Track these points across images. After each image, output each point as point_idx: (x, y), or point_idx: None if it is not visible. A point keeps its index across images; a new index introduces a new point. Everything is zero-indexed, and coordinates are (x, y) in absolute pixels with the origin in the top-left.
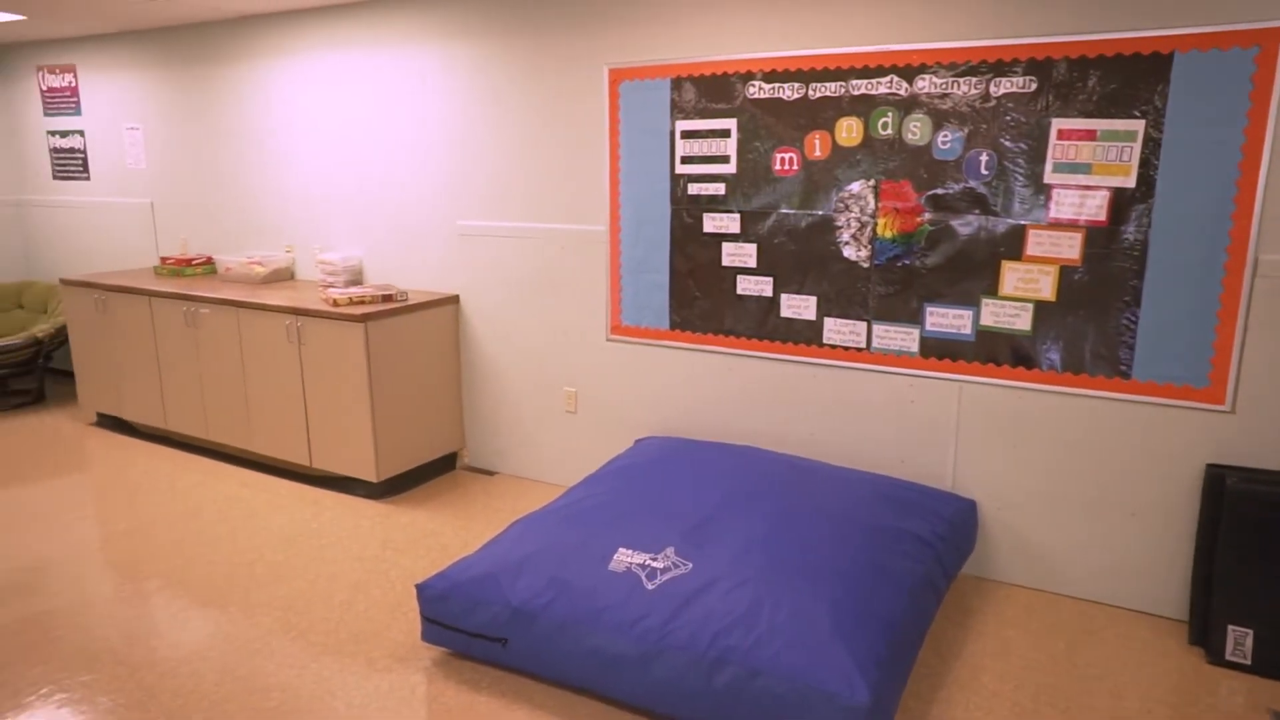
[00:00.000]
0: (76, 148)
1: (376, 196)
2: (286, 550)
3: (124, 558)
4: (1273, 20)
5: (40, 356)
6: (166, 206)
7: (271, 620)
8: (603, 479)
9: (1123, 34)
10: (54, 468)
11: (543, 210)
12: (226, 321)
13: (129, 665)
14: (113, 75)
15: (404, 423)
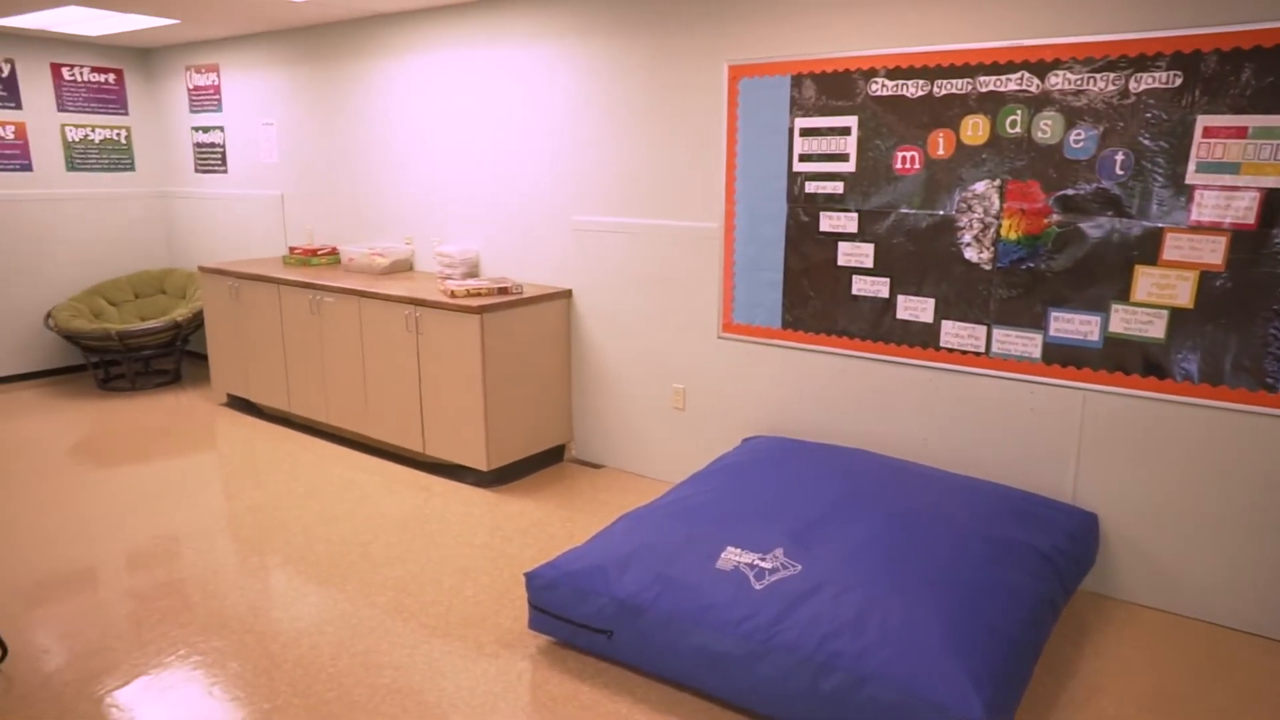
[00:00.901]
0: (217, 142)
1: (494, 191)
2: (399, 533)
3: (249, 532)
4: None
5: (179, 339)
6: (295, 198)
7: (385, 600)
8: (710, 476)
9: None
10: (188, 444)
11: (657, 207)
12: (348, 310)
13: (256, 634)
14: (251, 74)
15: (514, 414)
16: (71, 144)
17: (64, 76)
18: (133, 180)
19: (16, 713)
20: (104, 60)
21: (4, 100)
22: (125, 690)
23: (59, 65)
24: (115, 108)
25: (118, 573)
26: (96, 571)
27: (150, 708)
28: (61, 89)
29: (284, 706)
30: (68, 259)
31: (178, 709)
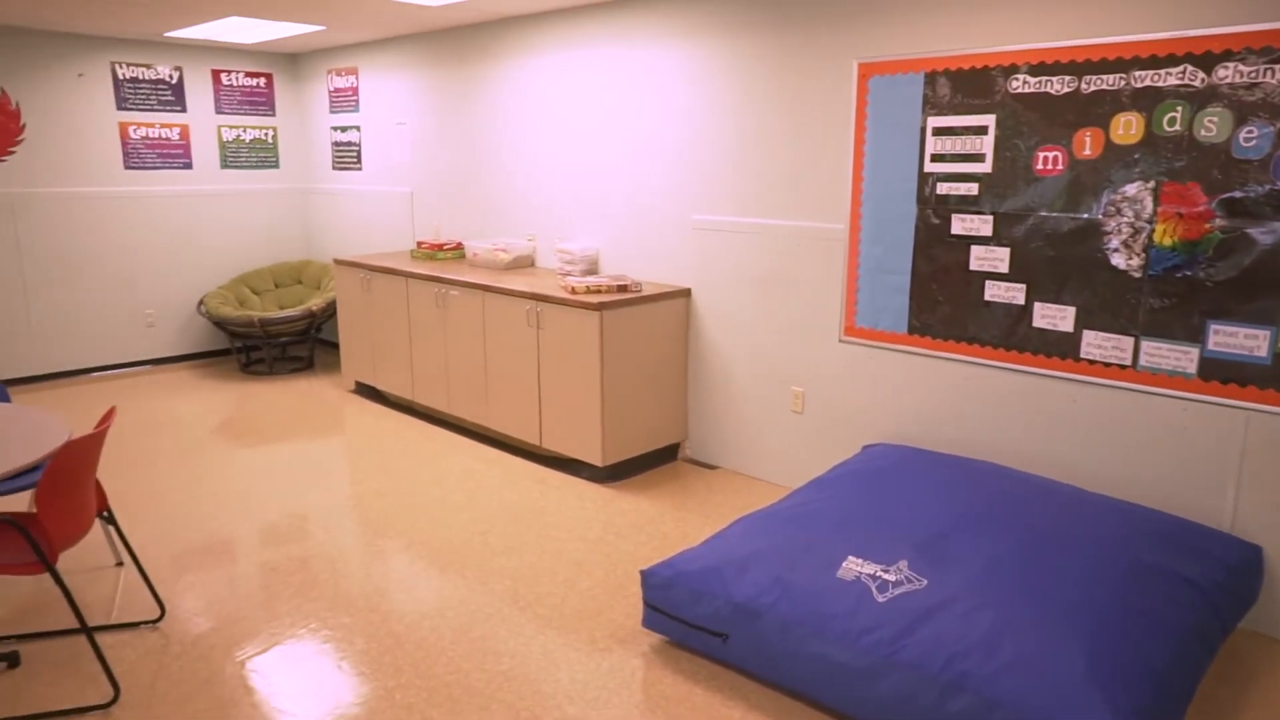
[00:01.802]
0: (353, 141)
1: (615, 189)
2: (516, 524)
3: (374, 515)
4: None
5: (313, 328)
6: (424, 195)
7: (503, 589)
8: (830, 483)
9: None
10: (319, 428)
11: (779, 207)
12: (472, 304)
13: (380, 613)
14: (387, 76)
15: (631, 411)
16: (226, 144)
17: (222, 82)
18: (276, 177)
19: (172, 668)
20: (256, 66)
21: (172, 105)
22: (264, 657)
23: (219, 71)
24: (264, 110)
25: (253, 546)
26: (234, 543)
27: (286, 675)
28: (219, 93)
29: (406, 685)
30: (218, 250)
31: (310, 679)
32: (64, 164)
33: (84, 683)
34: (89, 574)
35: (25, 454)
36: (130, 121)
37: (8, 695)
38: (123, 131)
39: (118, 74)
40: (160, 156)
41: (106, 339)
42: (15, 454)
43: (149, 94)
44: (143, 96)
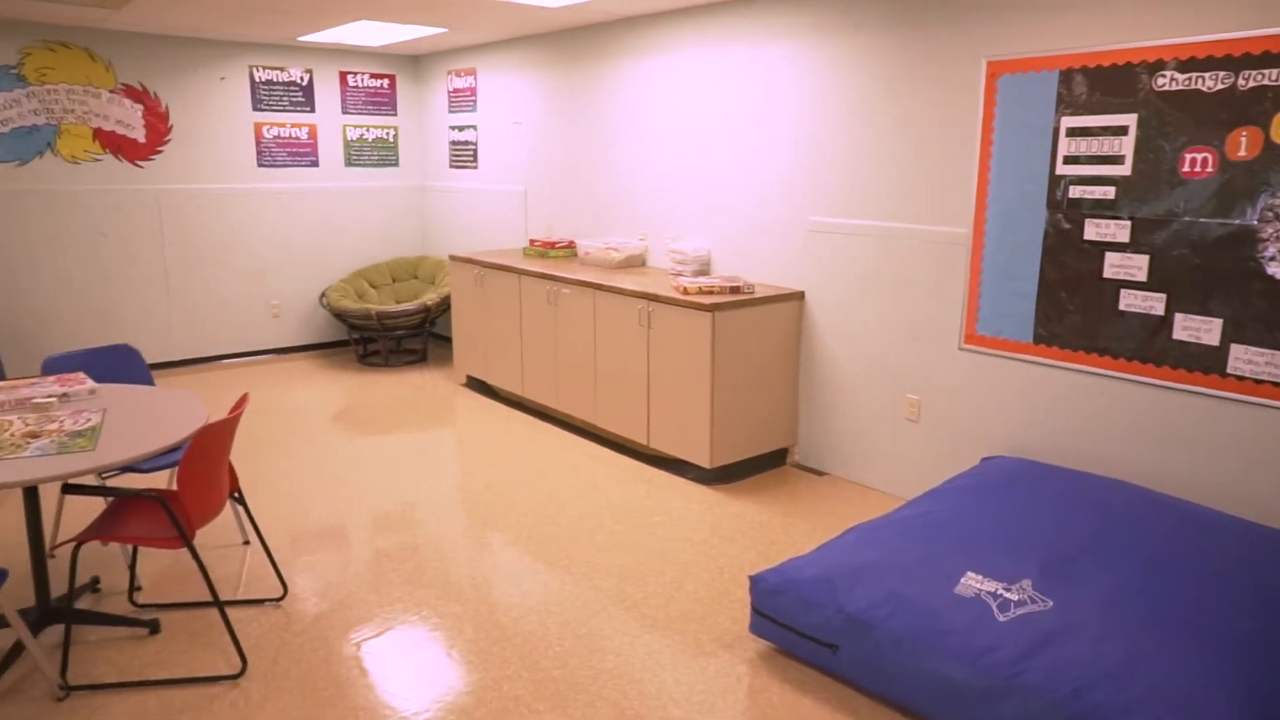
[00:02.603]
0: (470, 140)
1: (728, 190)
2: (623, 522)
3: (483, 507)
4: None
5: (427, 322)
6: (537, 194)
7: (609, 587)
8: (948, 495)
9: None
10: (430, 419)
11: (898, 209)
12: (583, 302)
13: (488, 604)
14: (504, 76)
15: (740, 413)
16: (350, 143)
17: (349, 83)
18: (396, 175)
19: (293, 646)
20: (381, 67)
21: (302, 105)
22: (377, 641)
23: (346, 73)
24: (387, 110)
25: (366, 531)
26: (348, 528)
27: (398, 659)
28: (346, 94)
29: (513, 677)
30: (340, 245)
31: (421, 665)
32: (204, 162)
33: (216, 654)
34: (218, 551)
35: (169, 435)
36: (264, 121)
37: (152, 660)
38: (257, 131)
39: (255, 77)
40: (290, 155)
41: (236, 328)
42: (160, 434)
43: (282, 95)
44: (276, 98)
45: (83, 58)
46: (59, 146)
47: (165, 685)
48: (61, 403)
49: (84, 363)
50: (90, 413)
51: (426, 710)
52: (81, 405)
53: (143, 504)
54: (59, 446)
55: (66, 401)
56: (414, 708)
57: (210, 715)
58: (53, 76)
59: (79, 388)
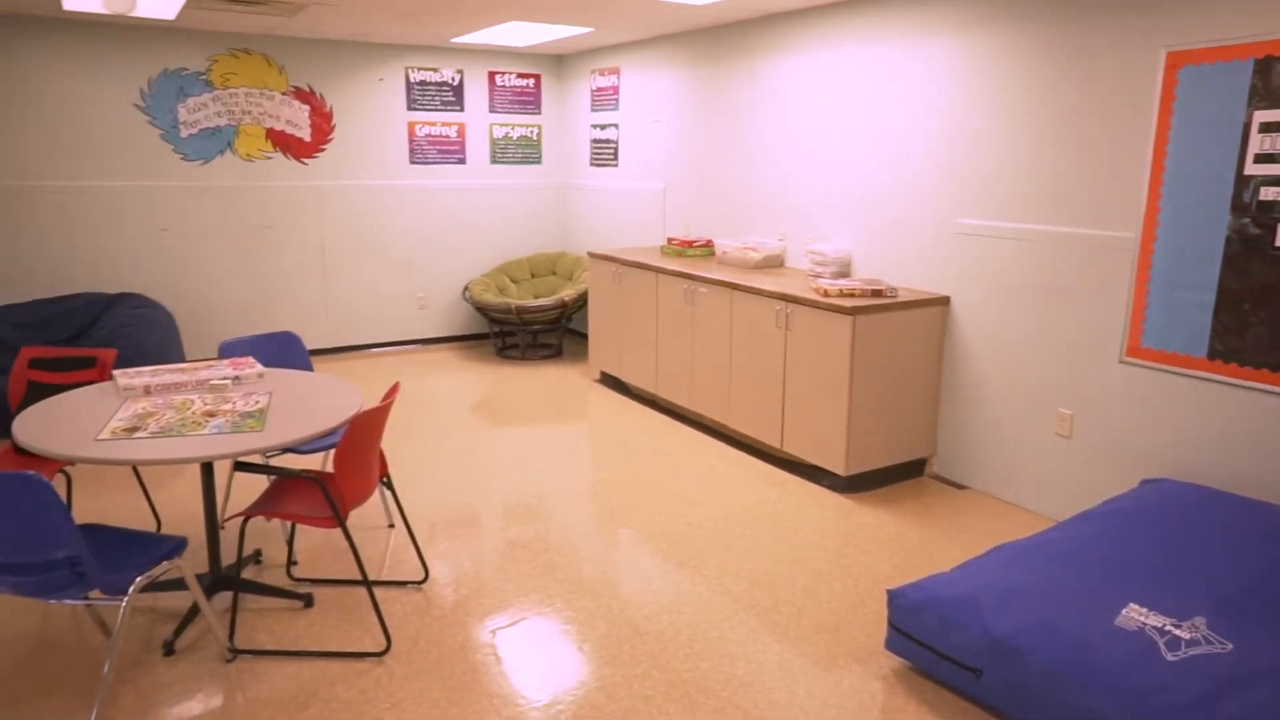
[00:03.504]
0: (611, 139)
1: (871, 190)
2: (754, 526)
3: (615, 503)
4: None
5: (564, 317)
6: (676, 192)
7: (740, 591)
8: (1105, 518)
9: None
10: (564, 414)
11: (1055, 211)
12: (720, 302)
13: (620, 601)
14: (646, 75)
15: (877, 420)
16: (496, 141)
17: (496, 83)
18: (538, 172)
19: (433, 629)
20: (527, 67)
21: (452, 105)
22: (512, 630)
23: (494, 73)
24: (531, 109)
25: (501, 521)
26: (484, 517)
27: (532, 650)
28: (493, 94)
29: (644, 676)
30: (483, 240)
31: (555, 657)
32: (362, 159)
33: (362, 631)
34: (365, 532)
35: (328, 419)
36: (417, 121)
37: (305, 632)
38: (410, 130)
39: (410, 78)
40: (439, 152)
41: (384, 318)
42: (320, 419)
43: (434, 95)
44: (429, 97)
45: (260, 63)
46: (237, 145)
47: (317, 657)
48: (234, 385)
49: (253, 348)
50: (259, 395)
51: (558, 703)
52: (251, 388)
53: (302, 484)
54: (232, 426)
55: (238, 384)
56: (546, 699)
57: (358, 690)
58: (235, 81)
59: (249, 371)
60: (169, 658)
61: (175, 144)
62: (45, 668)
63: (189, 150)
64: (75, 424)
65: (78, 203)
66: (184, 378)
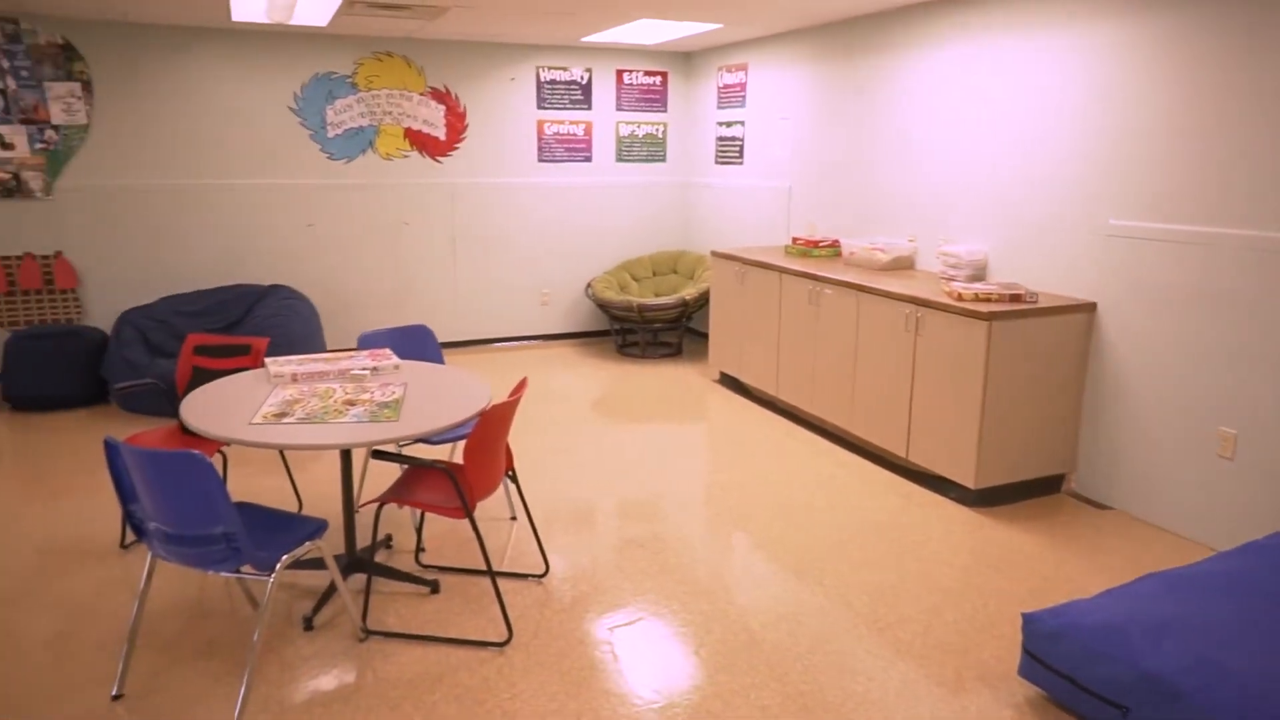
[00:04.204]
0: (737, 136)
1: (1008, 190)
2: (877, 537)
3: (731, 505)
4: None
5: (685, 316)
6: (802, 191)
7: (861, 605)
8: (1275, 551)
9: None
10: (682, 413)
11: (1223, 212)
12: (846, 304)
13: (737, 607)
14: (774, 71)
15: (1012, 432)
16: (622, 139)
17: (624, 81)
18: (663, 170)
19: (552, 623)
20: (654, 65)
21: (580, 103)
22: (630, 629)
23: (622, 71)
24: (657, 106)
25: (619, 518)
26: (601, 514)
27: (649, 651)
28: (620, 92)
29: (760, 685)
30: (606, 237)
31: (671, 660)
32: (492, 157)
33: (485, 620)
34: (488, 524)
35: (459, 412)
36: (546, 119)
37: (431, 617)
38: (539, 128)
39: (540, 77)
40: (566, 150)
41: (509, 313)
42: (451, 411)
43: (563, 94)
44: (558, 96)
45: (401, 65)
46: (377, 145)
47: (442, 642)
48: (372, 375)
49: (390, 340)
50: (395, 386)
51: (675, 706)
52: (388, 379)
53: (433, 474)
54: (371, 415)
55: (376, 374)
56: (662, 701)
57: (480, 677)
58: (378, 83)
59: (386, 362)
60: (308, 633)
61: (322, 144)
62: (202, 632)
63: (334, 150)
64: (232, 408)
65: (236, 200)
66: (327, 367)
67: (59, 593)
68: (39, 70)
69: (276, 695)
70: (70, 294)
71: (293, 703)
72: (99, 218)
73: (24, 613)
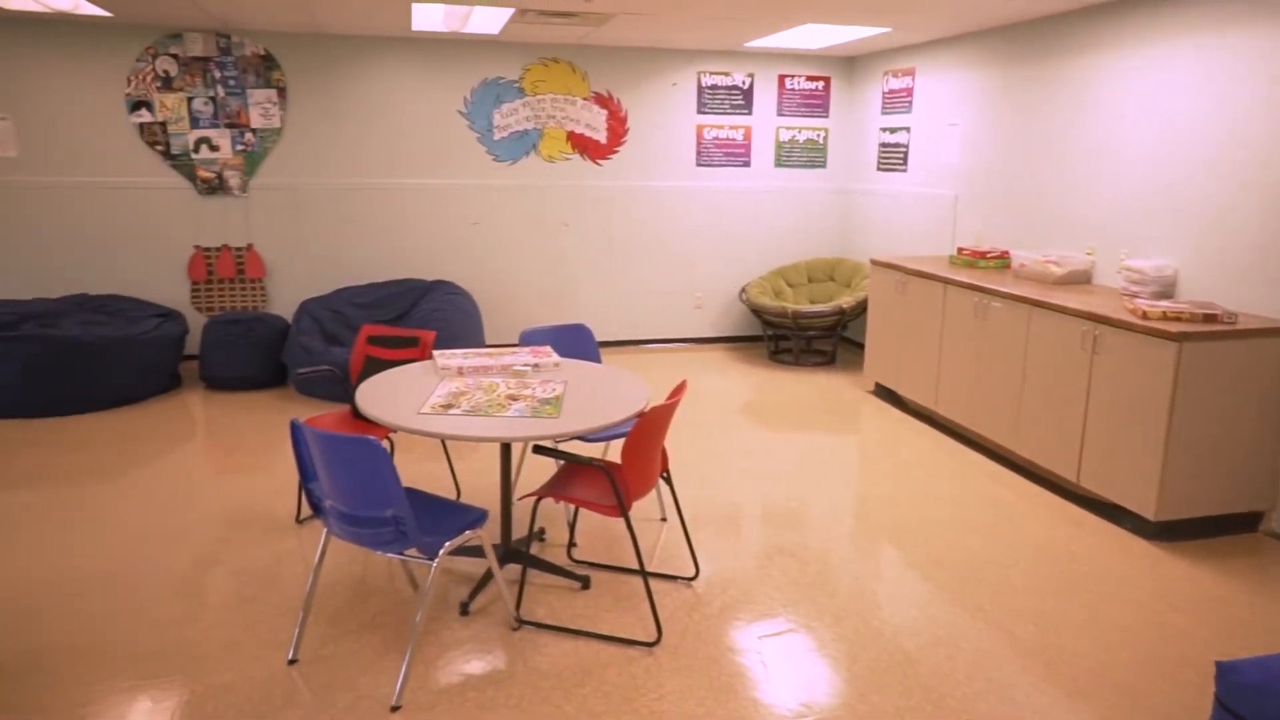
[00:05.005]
0: (901, 143)
1: (1205, 201)
2: (1044, 565)
3: (883, 521)
4: None
5: (840, 325)
6: (969, 199)
7: (1026, 636)
8: None
9: None
10: (833, 423)
11: None
12: (1015, 318)
13: (891, 626)
14: (943, 76)
15: (1201, 463)
16: (781, 144)
17: (785, 86)
18: (821, 177)
19: (701, 627)
20: (817, 70)
21: (741, 108)
22: (779, 640)
23: (784, 76)
24: (819, 112)
25: (768, 526)
26: (751, 520)
27: (799, 663)
28: (782, 97)
29: (916, 709)
30: (762, 243)
31: (821, 674)
32: (651, 161)
33: (634, 619)
34: (637, 524)
35: (619, 411)
36: (705, 124)
37: (581, 612)
38: (698, 133)
39: (701, 82)
40: (725, 155)
41: (662, 315)
42: (611, 410)
43: (724, 99)
44: (718, 101)
45: (566, 70)
46: (540, 147)
47: (592, 638)
48: (534, 372)
49: (550, 337)
50: (555, 383)
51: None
52: (549, 375)
53: (591, 472)
54: (532, 411)
55: (537, 371)
56: (811, 716)
57: (628, 676)
58: (543, 88)
59: (547, 360)
60: (463, 617)
61: (489, 146)
62: (365, 609)
63: (500, 152)
64: (402, 397)
65: (406, 198)
66: (491, 362)
67: (243, 559)
68: (244, 79)
69: (434, 674)
70: (258, 283)
71: (449, 683)
72: (285, 213)
73: (214, 575)
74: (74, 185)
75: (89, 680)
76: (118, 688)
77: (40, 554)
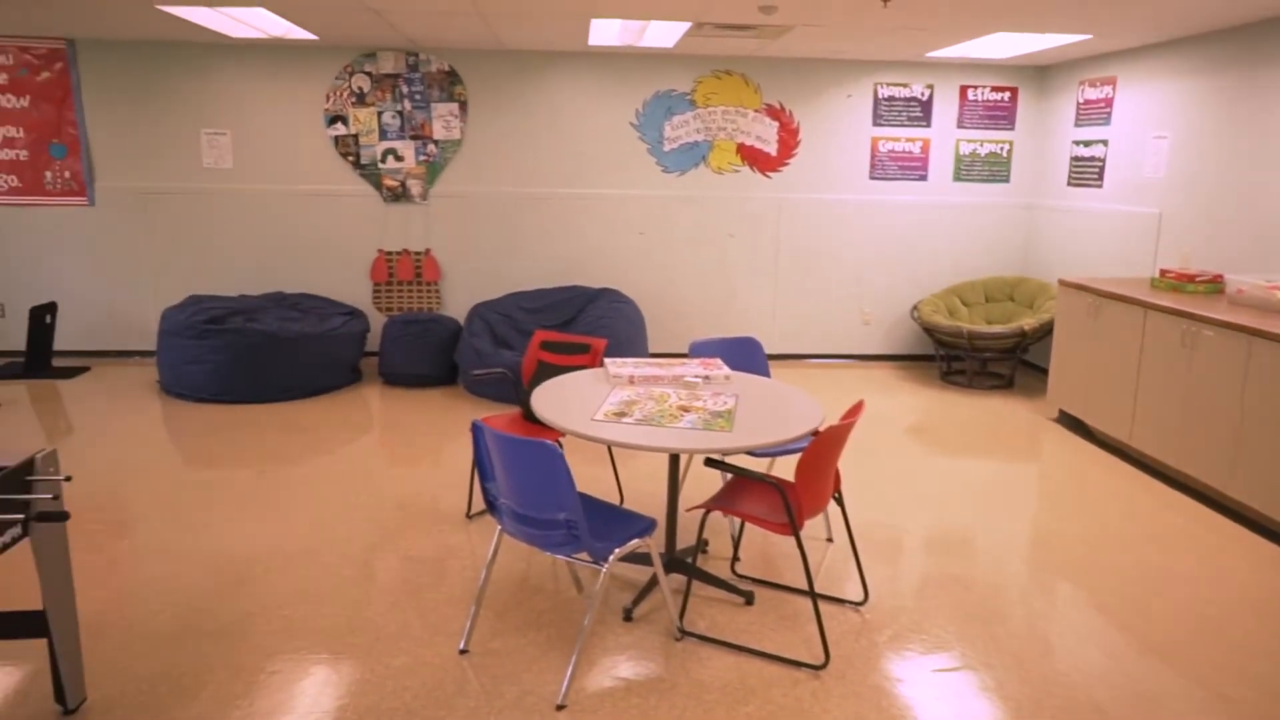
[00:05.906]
0: (1096, 156)
1: None
2: (1263, 621)
3: (1070, 561)
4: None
5: (1020, 347)
6: (1174, 218)
7: (1244, 699)
8: None
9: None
10: (1010, 450)
11: None
12: (1232, 348)
13: (1081, 674)
14: (1148, 85)
15: None
16: (961, 157)
17: (968, 97)
18: (1004, 191)
19: (869, 655)
20: (1003, 80)
21: (919, 120)
22: (955, 677)
23: (966, 87)
24: (1003, 124)
25: (941, 555)
26: (922, 546)
27: (976, 705)
28: (963, 108)
29: None
30: (937, 259)
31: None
32: (822, 174)
33: (798, 640)
34: (804, 542)
35: (794, 428)
36: (881, 136)
37: (744, 628)
38: (873, 145)
39: (878, 94)
40: (900, 168)
41: (828, 330)
42: (785, 427)
43: (900, 111)
44: (895, 113)
45: (738, 83)
46: (710, 159)
47: (755, 655)
48: (705, 384)
49: (720, 349)
50: (727, 396)
51: None
52: (719, 388)
53: (762, 488)
54: (704, 423)
55: (708, 383)
56: None
57: (794, 698)
58: (715, 100)
59: (717, 372)
60: (627, 623)
61: (658, 157)
62: (531, 606)
63: (669, 163)
64: (574, 403)
65: (575, 208)
66: (662, 372)
67: (415, 548)
68: (429, 93)
69: (597, 677)
70: (433, 286)
71: (611, 687)
72: (461, 221)
73: (389, 561)
74: (276, 193)
75: (281, 649)
76: (305, 658)
77: (243, 529)
